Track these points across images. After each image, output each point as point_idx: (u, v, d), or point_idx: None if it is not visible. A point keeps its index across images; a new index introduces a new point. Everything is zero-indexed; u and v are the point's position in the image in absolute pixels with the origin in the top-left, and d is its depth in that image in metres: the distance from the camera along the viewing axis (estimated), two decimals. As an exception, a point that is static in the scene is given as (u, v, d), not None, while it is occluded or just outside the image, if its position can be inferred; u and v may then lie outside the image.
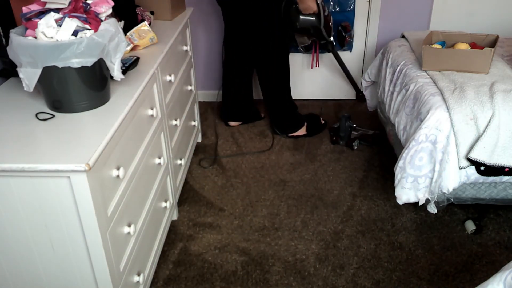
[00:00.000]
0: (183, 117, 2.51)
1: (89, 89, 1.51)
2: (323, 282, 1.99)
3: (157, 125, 1.96)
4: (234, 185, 2.62)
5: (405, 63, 2.54)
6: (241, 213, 2.40)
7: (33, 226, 1.39)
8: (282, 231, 2.27)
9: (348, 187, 2.59)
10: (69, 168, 1.24)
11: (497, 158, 2.00)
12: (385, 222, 2.31)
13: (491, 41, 2.44)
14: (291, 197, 2.52)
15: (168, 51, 2.19)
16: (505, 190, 2.19)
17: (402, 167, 2.12)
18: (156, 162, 1.96)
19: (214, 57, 3.54)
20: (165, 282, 2.00)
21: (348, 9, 3.30)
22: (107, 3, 1.57)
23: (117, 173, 1.48)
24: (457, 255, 2.11)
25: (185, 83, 2.62)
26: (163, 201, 2.08)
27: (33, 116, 1.50)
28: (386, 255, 2.12)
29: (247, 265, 2.08)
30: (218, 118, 3.35)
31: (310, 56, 3.47)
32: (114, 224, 1.48)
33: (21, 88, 1.69)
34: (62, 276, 1.50)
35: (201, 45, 3.50)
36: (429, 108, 2.06)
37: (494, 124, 1.97)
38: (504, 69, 2.31)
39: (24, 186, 1.32)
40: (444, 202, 2.22)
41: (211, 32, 3.45)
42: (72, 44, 1.38)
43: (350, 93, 3.64)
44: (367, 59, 3.49)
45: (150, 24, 2.37)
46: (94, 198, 1.32)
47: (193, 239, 2.23)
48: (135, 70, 1.87)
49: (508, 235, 2.21)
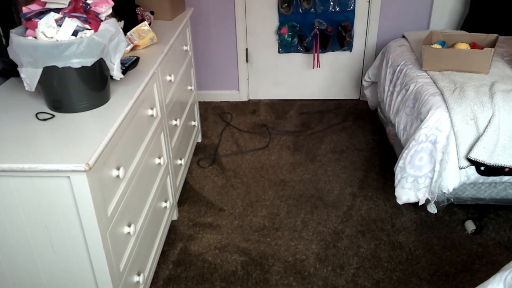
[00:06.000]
0: (183, 117, 2.51)
1: (89, 89, 1.51)
2: (323, 282, 1.99)
3: (157, 125, 1.96)
4: (234, 185, 2.62)
5: (405, 63, 2.54)
6: (241, 213, 2.40)
7: (33, 226, 1.39)
8: (282, 231, 2.27)
9: (348, 187, 2.59)
10: (69, 168, 1.24)
11: (497, 158, 2.00)
12: (385, 222, 2.31)
13: (491, 41, 2.44)
14: (291, 197, 2.52)
15: (168, 51, 2.19)
16: (505, 190, 2.19)
17: (402, 167, 2.12)
18: (156, 162, 1.96)
19: (214, 57, 3.54)
20: (165, 282, 2.00)
21: (348, 9, 3.30)
22: (107, 3, 1.57)
23: (117, 173, 1.48)
24: (457, 255, 2.11)
25: (185, 83, 2.62)
26: (163, 201, 2.08)
27: (33, 116, 1.50)
28: (386, 255, 2.12)
29: (247, 265, 2.08)
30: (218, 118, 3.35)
31: (310, 56, 3.47)
32: (114, 224, 1.48)
33: (21, 88, 1.70)
34: (62, 276, 1.50)
35: (201, 45, 3.50)
36: (429, 108, 2.06)
37: (494, 124, 1.97)
38: (504, 69, 2.31)
39: (24, 186, 1.32)
40: (444, 202, 2.22)
41: (211, 32, 3.45)
42: (72, 44, 1.38)
43: (350, 93, 3.64)
44: (367, 59, 3.49)
45: (150, 24, 2.37)
46: (94, 198, 1.32)
47: (193, 239, 2.23)
48: (135, 70, 1.87)
49: (508, 235, 2.21)
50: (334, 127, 3.21)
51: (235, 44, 3.48)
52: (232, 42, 3.47)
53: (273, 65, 3.56)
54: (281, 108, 3.53)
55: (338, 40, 3.38)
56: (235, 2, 3.31)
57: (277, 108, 3.54)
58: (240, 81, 3.61)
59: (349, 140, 3.05)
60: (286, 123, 3.31)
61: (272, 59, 3.53)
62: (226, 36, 3.45)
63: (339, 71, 3.55)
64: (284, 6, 3.29)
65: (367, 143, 3.01)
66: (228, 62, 3.56)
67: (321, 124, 3.26)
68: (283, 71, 3.57)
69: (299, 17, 3.33)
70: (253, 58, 3.54)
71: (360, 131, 3.16)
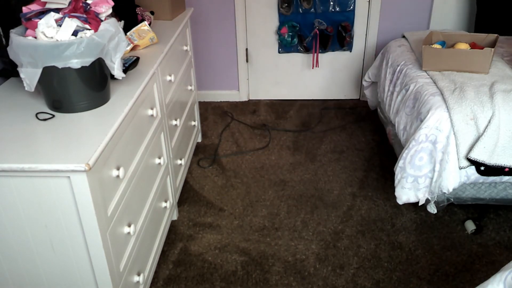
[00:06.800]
0: (183, 117, 2.51)
1: (89, 89, 1.51)
2: (323, 282, 1.99)
3: (157, 125, 1.96)
4: (234, 185, 2.62)
5: (405, 63, 2.54)
6: (241, 213, 2.40)
7: (33, 226, 1.39)
8: (282, 231, 2.27)
9: (348, 187, 2.59)
10: (69, 168, 1.24)
11: (497, 158, 2.00)
12: (385, 222, 2.31)
13: (491, 41, 2.44)
14: (291, 197, 2.52)
15: (168, 51, 2.19)
16: (505, 190, 2.19)
17: (402, 167, 2.12)
18: (156, 162, 1.96)
19: (214, 57, 3.54)
20: (165, 282, 2.00)
21: (348, 9, 3.30)
22: (107, 3, 1.57)
23: (117, 173, 1.48)
24: (457, 255, 2.11)
25: (185, 83, 2.62)
26: (163, 201, 2.08)
27: (33, 116, 1.50)
28: (386, 255, 2.12)
29: (247, 265, 2.08)
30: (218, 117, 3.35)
31: (310, 56, 3.47)
32: (114, 224, 1.48)
33: (21, 88, 1.70)
34: (62, 276, 1.50)
35: (201, 45, 3.50)
36: (429, 108, 2.06)
37: (494, 124, 1.97)
38: (504, 69, 2.31)
39: (24, 186, 1.32)
40: (444, 202, 2.22)
41: (211, 32, 3.45)
42: (72, 44, 1.38)
43: (350, 93, 3.64)
44: (367, 59, 3.49)
45: (150, 24, 2.37)
46: (94, 198, 1.32)
47: (193, 239, 2.23)
48: (135, 70, 1.87)
49: (508, 235, 2.21)
50: (334, 127, 3.22)
51: (235, 44, 3.48)
52: (232, 42, 3.47)
53: (273, 65, 3.56)
54: (281, 108, 3.54)
55: (338, 40, 3.38)
56: (235, 2, 3.31)
57: (277, 108, 3.54)
58: (240, 81, 3.61)
59: (349, 140, 3.05)
60: (286, 123, 3.31)
61: (272, 59, 3.53)
62: (226, 36, 3.46)
63: (339, 71, 3.55)
64: (284, 6, 3.29)
65: (367, 143, 3.01)
66: (228, 62, 3.56)
67: (321, 124, 3.26)
68: (283, 71, 3.58)
69: (299, 17, 3.33)
70: (253, 58, 3.54)
71: (360, 131, 3.16)
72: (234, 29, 3.42)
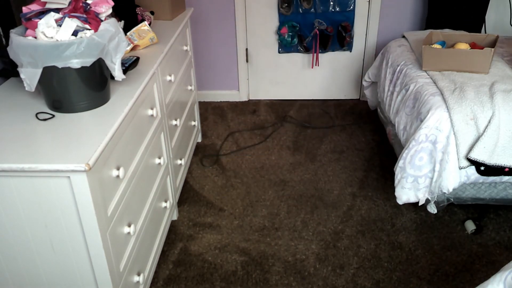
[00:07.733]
0: (183, 117, 2.51)
1: (89, 89, 1.51)
2: (323, 282, 1.99)
3: (157, 125, 1.96)
4: (234, 185, 2.62)
5: (405, 63, 2.54)
6: (241, 213, 2.40)
7: (33, 226, 1.39)
8: (282, 231, 2.27)
9: (348, 187, 2.59)
10: (69, 168, 1.24)
11: (497, 158, 2.00)
12: (385, 222, 2.31)
13: (491, 41, 2.44)
14: (291, 197, 2.52)
15: (168, 51, 2.19)
16: (505, 190, 2.19)
17: (402, 167, 2.12)
18: (156, 162, 1.96)
19: (214, 57, 3.54)
20: (165, 282, 2.00)
21: (348, 9, 3.30)
22: (107, 3, 1.57)
23: (117, 173, 1.48)
24: (457, 255, 2.11)
25: (185, 83, 2.62)
26: (163, 201, 2.08)
27: (33, 116, 1.50)
28: (386, 255, 2.12)
29: (247, 265, 2.08)
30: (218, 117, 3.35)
31: (310, 56, 3.47)
32: (114, 224, 1.48)
33: (21, 88, 1.70)
34: (62, 276, 1.50)
35: (201, 45, 3.50)
36: (429, 108, 2.06)
37: (494, 124, 1.97)
38: (504, 69, 2.31)
39: (24, 186, 1.32)
40: (444, 202, 2.22)
41: (211, 32, 3.45)
42: (72, 44, 1.38)
43: (350, 93, 3.64)
44: (367, 59, 3.49)
45: (150, 24, 2.37)
46: (94, 198, 1.32)
47: (193, 239, 2.23)
48: (135, 70, 1.87)
49: (508, 235, 2.21)
50: (334, 127, 3.22)
51: (235, 44, 3.48)
52: (232, 42, 3.47)
53: (273, 65, 3.56)
54: (281, 108, 3.53)
55: (338, 40, 3.38)
56: (235, 2, 3.31)
57: (277, 108, 3.54)
58: (240, 81, 3.61)
59: (349, 140, 3.05)
60: (286, 123, 3.31)
61: (272, 59, 3.53)
62: (226, 36, 3.46)
63: (339, 71, 3.55)
64: (284, 6, 3.29)
65: (367, 143, 3.01)
66: (228, 62, 3.56)
67: (321, 124, 3.26)
68: (283, 71, 3.58)
69: (299, 17, 3.33)
70: (253, 58, 3.54)
71: (360, 131, 3.16)
72: (234, 29, 3.42)
